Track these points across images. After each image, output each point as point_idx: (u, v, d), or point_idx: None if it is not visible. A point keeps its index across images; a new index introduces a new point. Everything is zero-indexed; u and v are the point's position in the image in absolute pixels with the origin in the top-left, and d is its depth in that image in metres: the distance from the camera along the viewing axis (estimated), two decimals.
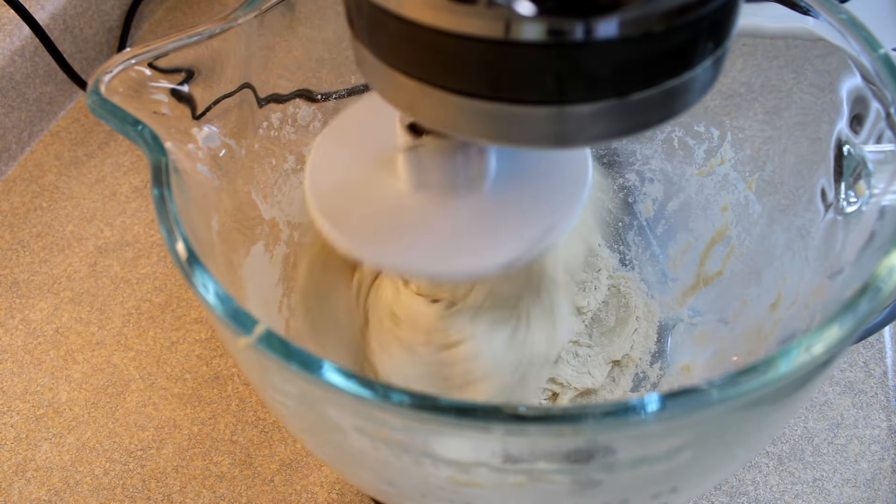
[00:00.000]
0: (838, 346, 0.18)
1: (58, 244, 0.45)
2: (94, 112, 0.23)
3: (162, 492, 0.35)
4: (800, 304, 0.27)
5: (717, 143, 0.33)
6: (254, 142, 0.29)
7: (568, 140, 0.17)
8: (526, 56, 0.15)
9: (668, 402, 0.16)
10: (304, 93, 0.32)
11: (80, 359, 0.40)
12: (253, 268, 0.29)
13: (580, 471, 0.19)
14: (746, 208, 0.32)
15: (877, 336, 0.39)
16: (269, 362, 0.18)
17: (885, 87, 0.23)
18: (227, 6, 0.60)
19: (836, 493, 0.34)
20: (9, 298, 0.42)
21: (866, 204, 0.23)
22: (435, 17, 0.15)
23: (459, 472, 0.20)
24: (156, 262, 0.44)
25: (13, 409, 0.38)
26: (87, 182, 0.48)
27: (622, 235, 0.39)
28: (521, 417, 0.16)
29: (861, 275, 0.20)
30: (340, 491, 0.35)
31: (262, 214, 0.31)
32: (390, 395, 0.17)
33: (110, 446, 0.36)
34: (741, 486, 0.34)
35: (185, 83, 0.25)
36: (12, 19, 0.48)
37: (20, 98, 0.49)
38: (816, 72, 0.27)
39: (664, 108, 0.17)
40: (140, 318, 0.41)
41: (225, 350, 0.40)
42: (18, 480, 0.35)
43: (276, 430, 0.37)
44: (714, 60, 0.17)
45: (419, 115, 0.18)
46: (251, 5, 0.27)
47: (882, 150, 0.23)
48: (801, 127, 0.28)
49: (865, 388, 0.37)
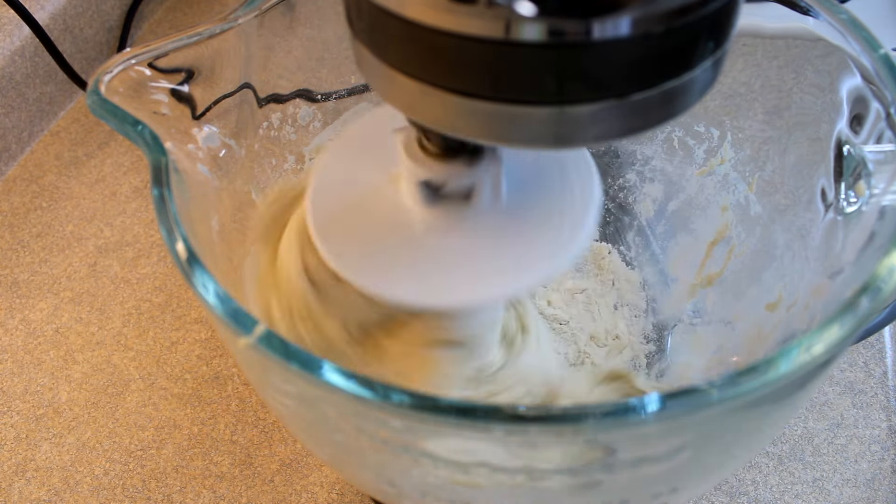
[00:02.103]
0: (838, 346, 0.18)
1: (58, 244, 0.45)
2: (94, 112, 0.23)
3: (162, 492, 0.35)
4: (800, 304, 0.27)
5: (717, 143, 0.33)
6: (254, 142, 0.29)
7: (568, 140, 0.17)
8: (526, 56, 0.15)
9: (668, 402, 0.16)
10: (304, 93, 0.32)
11: (80, 359, 0.40)
12: (253, 268, 0.29)
13: (580, 471, 0.19)
14: (747, 209, 0.32)
15: (877, 336, 0.39)
16: (269, 362, 0.18)
17: (885, 87, 0.23)
18: (227, 6, 0.60)
19: (836, 493, 0.34)
20: (9, 298, 0.42)
21: (866, 204, 0.23)
22: (435, 17, 0.15)
23: (459, 472, 0.20)
24: (156, 262, 0.44)
25: (13, 409, 0.38)
26: (87, 182, 0.48)
27: (622, 235, 0.39)
28: (521, 417, 0.16)
29: (861, 275, 0.20)
30: (340, 491, 0.35)
31: None
32: (390, 395, 0.17)
33: (110, 446, 0.36)
34: (741, 486, 0.34)
35: (185, 83, 0.25)
36: (12, 19, 0.48)
37: (20, 98, 0.49)
38: (816, 72, 0.27)
39: (664, 109, 0.17)
40: (140, 318, 0.41)
41: (225, 350, 0.40)
42: (18, 480, 0.35)
43: (276, 430, 0.37)
44: (714, 61, 0.17)
45: (419, 115, 0.18)
46: (251, 5, 0.27)
47: (882, 150, 0.23)
48: (801, 127, 0.28)
49: (865, 388, 0.37)
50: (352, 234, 0.22)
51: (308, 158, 0.33)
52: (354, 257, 0.22)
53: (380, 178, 0.23)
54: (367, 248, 0.22)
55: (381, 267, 0.22)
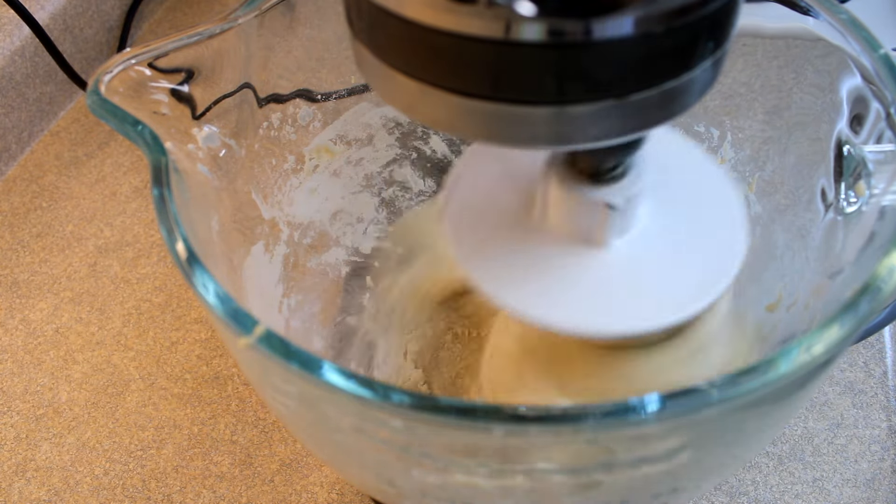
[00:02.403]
0: (838, 346, 0.18)
1: (58, 244, 0.45)
2: (94, 112, 0.23)
3: (162, 492, 0.35)
4: (800, 304, 0.27)
5: (717, 143, 0.33)
6: (254, 142, 0.29)
7: (568, 140, 0.17)
8: (526, 56, 0.15)
9: (668, 402, 0.16)
10: (304, 93, 0.32)
11: (80, 359, 0.40)
12: (253, 268, 0.29)
13: (580, 471, 0.19)
14: (747, 209, 0.32)
15: (877, 336, 0.39)
16: (269, 362, 0.18)
17: (885, 87, 0.23)
18: (227, 6, 0.60)
19: (836, 493, 0.34)
20: (9, 298, 0.42)
21: (866, 204, 0.23)
22: (435, 17, 0.15)
23: (459, 472, 0.20)
24: (156, 262, 0.44)
25: (13, 409, 0.38)
26: (87, 182, 0.48)
27: None
28: (522, 417, 0.16)
29: (861, 275, 0.20)
30: (340, 491, 0.35)
31: (262, 214, 0.31)
32: (390, 395, 0.17)
33: (110, 446, 0.36)
34: (741, 486, 0.34)
35: (185, 83, 0.25)
36: (12, 19, 0.48)
37: (20, 98, 0.49)
38: (816, 72, 0.27)
39: (664, 109, 0.17)
40: (140, 318, 0.41)
41: (225, 350, 0.40)
42: (18, 480, 0.35)
43: (276, 430, 0.37)
44: (714, 61, 0.17)
45: (419, 115, 0.18)
46: (251, 5, 0.27)
47: (882, 150, 0.23)
48: (801, 127, 0.28)
49: (865, 388, 0.37)
50: (496, 257, 0.22)
51: (308, 158, 0.33)
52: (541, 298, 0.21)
53: (517, 202, 0.23)
54: (544, 288, 0.21)
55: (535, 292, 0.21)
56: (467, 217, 0.23)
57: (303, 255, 0.34)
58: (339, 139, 0.34)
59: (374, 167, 0.36)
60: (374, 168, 0.36)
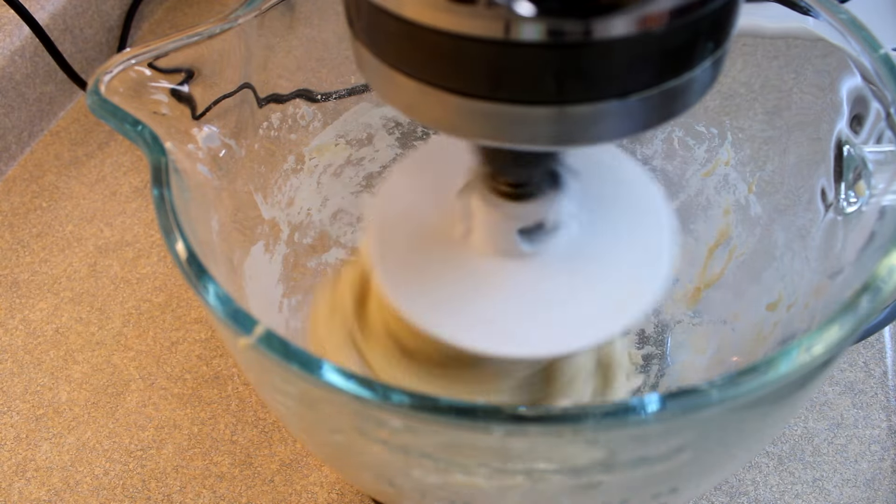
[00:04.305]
0: (838, 346, 0.18)
1: (58, 244, 0.45)
2: (94, 112, 0.23)
3: (162, 492, 0.35)
4: (800, 304, 0.27)
5: (718, 143, 0.33)
6: (254, 142, 0.29)
7: (568, 140, 0.17)
8: (526, 56, 0.15)
9: (668, 402, 0.16)
10: (304, 93, 0.32)
11: (80, 359, 0.40)
12: (253, 268, 0.29)
13: (580, 471, 0.19)
14: (747, 209, 0.32)
15: (877, 336, 0.39)
16: (269, 362, 0.18)
17: (885, 87, 0.23)
18: (227, 6, 0.60)
19: (836, 493, 0.34)
20: (9, 298, 0.42)
21: (866, 204, 0.23)
22: (434, 18, 0.15)
23: (459, 473, 0.20)
24: (156, 262, 0.44)
25: (13, 409, 0.38)
26: (87, 182, 0.48)
27: None
28: (521, 418, 0.16)
29: (861, 275, 0.20)
30: (340, 491, 0.35)
31: (262, 214, 0.31)
32: (390, 395, 0.17)
33: (110, 446, 0.36)
34: (741, 486, 0.34)
35: (185, 83, 0.25)
36: (12, 19, 0.48)
37: (20, 98, 0.49)
38: (816, 72, 0.27)
39: (664, 109, 0.17)
40: (140, 318, 0.41)
41: (225, 350, 0.40)
42: (18, 480, 0.35)
43: (276, 430, 0.37)
44: (714, 61, 0.17)
45: (419, 115, 0.18)
46: (251, 5, 0.27)
47: (882, 150, 0.23)
48: (801, 127, 0.28)
49: (865, 388, 0.37)
50: (423, 285, 0.22)
51: (308, 158, 0.33)
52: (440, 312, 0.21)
53: (443, 217, 0.23)
54: (447, 298, 0.22)
55: (458, 313, 0.21)
56: (391, 229, 0.24)
57: (303, 255, 0.34)
58: (339, 139, 0.34)
59: (374, 167, 0.36)
60: (374, 168, 0.36)
